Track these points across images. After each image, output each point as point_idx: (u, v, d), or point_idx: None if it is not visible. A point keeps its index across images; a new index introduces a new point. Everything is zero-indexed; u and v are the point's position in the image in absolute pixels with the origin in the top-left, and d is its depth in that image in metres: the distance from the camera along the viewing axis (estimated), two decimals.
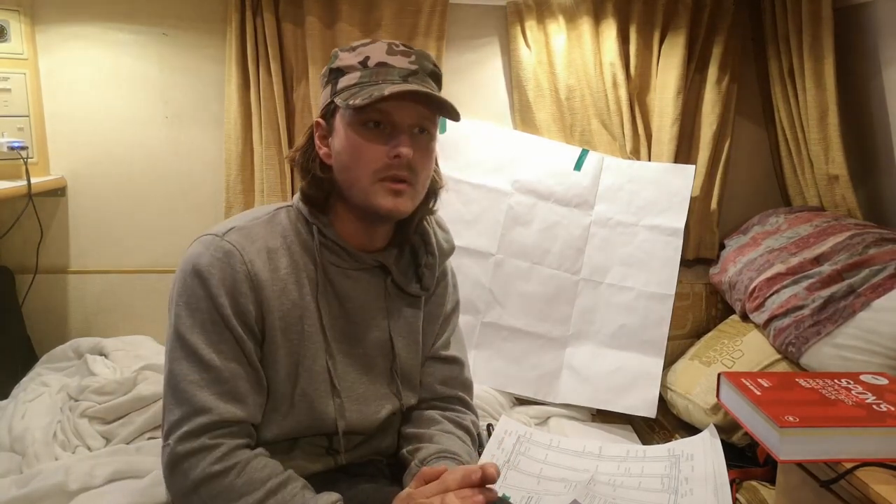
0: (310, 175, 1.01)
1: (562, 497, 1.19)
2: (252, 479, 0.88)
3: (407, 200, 0.98)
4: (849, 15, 1.83)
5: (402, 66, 0.96)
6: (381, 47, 0.97)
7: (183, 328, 0.92)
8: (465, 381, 1.18)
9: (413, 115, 0.95)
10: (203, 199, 2.02)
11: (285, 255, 0.99)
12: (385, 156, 0.94)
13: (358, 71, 0.96)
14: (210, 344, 0.92)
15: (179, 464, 0.89)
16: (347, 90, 0.95)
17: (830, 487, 1.05)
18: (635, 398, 1.83)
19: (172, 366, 0.93)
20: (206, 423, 0.89)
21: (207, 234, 0.97)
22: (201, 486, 0.88)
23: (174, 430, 0.90)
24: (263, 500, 0.87)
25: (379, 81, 0.94)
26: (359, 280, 1.04)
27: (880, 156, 1.86)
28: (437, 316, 1.15)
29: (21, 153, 1.81)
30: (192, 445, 0.89)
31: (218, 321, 0.92)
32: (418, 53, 0.98)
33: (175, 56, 1.96)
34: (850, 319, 1.53)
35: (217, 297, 0.92)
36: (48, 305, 1.99)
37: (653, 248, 1.91)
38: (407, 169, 0.95)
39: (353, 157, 0.96)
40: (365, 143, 0.95)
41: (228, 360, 0.92)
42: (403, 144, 0.94)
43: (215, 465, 0.88)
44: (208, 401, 0.90)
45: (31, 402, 1.62)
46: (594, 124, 2.02)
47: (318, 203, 1.02)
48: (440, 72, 1.02)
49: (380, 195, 0.95)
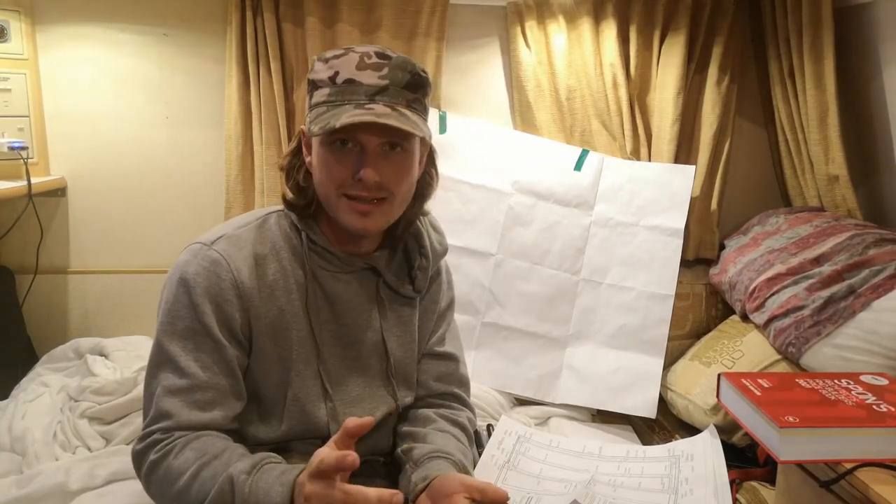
0: (292, 181, 1.01)
1: (562, 497, 1.19)
2: (187, 458, 0.88)
3: (378, 219, 0.97)
4: (849, 15, 1.83)
5: (370, 84, 0.92)
6: (352, 60, 0.93)
7: (163, 335, 0.94)
8: (461, 377, 1.18)
9: (379, 134, 0.92)
10: (203, 200, 2.02)
11: (274, 261, 0.99)
12: (349, 176, 0.93)
13: (327, 87, 0.93)
14: (188, 352, 0.93)
15: (135, 461, 0.93)
16: (316, 108, 0.94)
17: (830, 488, 1.05)
18: (635, 398, 1.83)
19: (149, 370, 0.95)
20: (164, 427, 0.91)
21: (196, 242, 0.98)
22: (148, 478, 0.91)
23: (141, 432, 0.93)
24: (196, 473, 0.86)
25: (344, 102, 0.91)
26: (349, 283, 1.04)
27: (880, 156, 1.86)
28: (431, 313, 1.15)
29: (21, 153, 1.81)
30: (145, 443, 0.91)
31: (199, 330, 0.93)
32: (393, 64, 0.93)
33: (175, 56, 1.96)
34: (851, 320, 1.53)
35: (199, 305, 0.93)
36: (48, 305, 1.99)
37: (653, 249, 1.91)
38: (376, 189, 0.94)
39: (321, 174, 0.95)
40: (332, 162, 0.93)
41: (204, 369, 0.93)
42: (367, 166, 0.92)
43: (156, 454, 0.89)
44: (173, 407, 0.91)
45: (31, 403, 1.62)
46: (594, 124, 2.02)
47: (301, 209, 1.01)
48: (421, 79, 0.96)
49: (345, 213, 0.95)
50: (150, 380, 0.94)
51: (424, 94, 0.97)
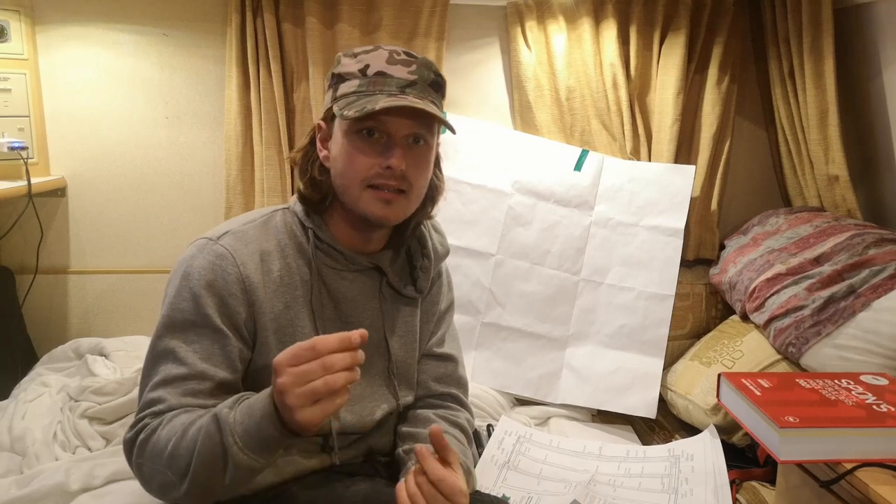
0: (307, 176, 1.02)
1: (562, 497, 1.19)
2: (173, 425, 0.87)
3: (398, 209, 0.99)
4: (849, 15, 1.83)
5: (401, 77, 0.96)
6: (381, 55, 0.97)
7: (163, 329, 0.95)
8: (460, 378, 1.18)
9: (408, 125, 0.95)
10: (203, 200, 2.02)
11: (279, 258, 1.00)
12: (377, 165, 0.95)
13: (357, 79, 0.96)
14: (188, 343, 0.93)
15: (126, 448, 0.92)
16: (345, 98, 0.96)
17: (830, 488, 1.05)
18: (635, 398, 1.83)
19: (145, 366, 0.95)
20: (153, 411, 0.90)
21: (202, 237, 0.99)
22: (140, 457, 0.89)
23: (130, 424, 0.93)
24: (184, 433, 0.85)
25: (375, 92, 0.94)
26: (354, 281, 1.04)
27: (880, 156, 1.86)
28: (432, 314, 1.15)
29: (21, 153, 1.81)
30: (135, 429, 0.91)
31: (199, 322, 0.93)
32: (420, 62, 0.98)
33: (175, 56, 1.96)
34: (851, 320, 1.53)
35: (203, 297, 0.93)
36: (48, 306, 1.99)
37: (653, 249, 1.91)
38: (400, 179, 0.96)
39: (346, 164, 0.97)
40: (358, 151, 0.96)
41: (203, 360, 0.93)
42: (395, 156, 0.95)
43: (146, 433, 0.89)
44: (165, 394, 0.91)
45: (31, 403, 1.62)
46: (594, 125, 2.02)
47: (315, 204, 1.02)
48: (443, 80, 1.01)
49: (370, 203, 0.97)
50: (146, 373, 0.94)
51: (443, 97, 1.03)
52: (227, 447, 0.81)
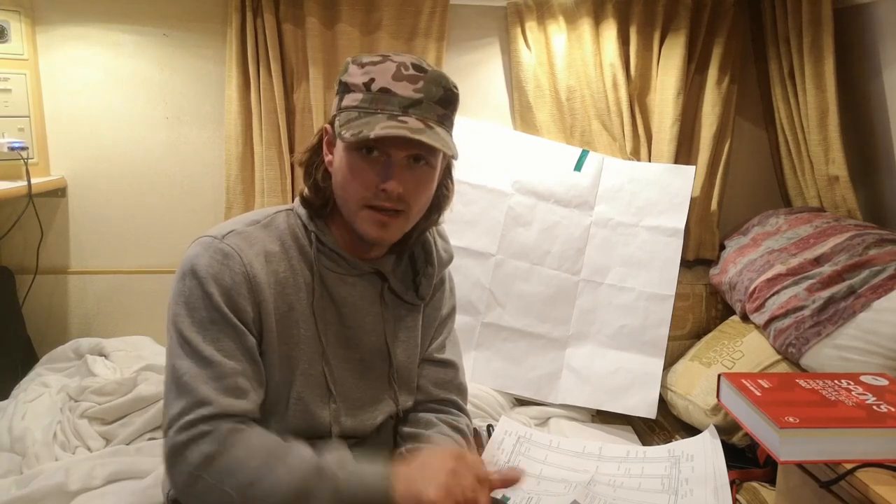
0: (311, 180, 1.01)
1: (562, 497, 1.19)
2: (251, 449, 0.87)
3: (394, 231, 0.97)
4: (849, 15, 1.83)
5: (405, 95, 0.92)
6: (388, 69, 0.93)
7: (182, 326, 0.92)
8: (460, 385, 1.18)
9: (407, 147, 0.93)
10: (203, 200, 2.02)
11: (283, 260, 0.99)
12: (374, 186, 0.93)
13: (360, 93, 0.94)
14: (210, 341, 0.91)
15: (180, 452, 0.88)
16: (347, 112, 0.94)
17: (830, 488, 1.05)
18: (635, 399, 1.83)
19: (173, 362, 0.92)
20: (206, 415, 0.88)
21: (206, 235, 0.97)
22: (203, 470, 0.87)
23: (174, 421, 0.89)
24: (266, 460, 0.86)
25: (376, 111, 0.92)
26: (355, 286, 1.04)
27: (880, 156, 1.86)
28: (433, 320, 1.15)
29: (21, 153, 1.81)
30: (190, 433, 0.88)
31: (217, 319, 0.92)
32: (428, 78, 0.94)
33: (175, 56, 1.96)
34: (851, 320, 1.53)
35: (214, 295, 0.92)
36: (48, 306, 1.99)
37: (653, 249, 1.91)
38: (397, 200, 0.94)
39: (345, 178, 0.96)
40: (357, 170, 0.94)
41: (228, 357, 0.92)
42: (393, 178, 0.93)
43: (214, 445, 0.87)
44: (209, 394, 0.89)
45: (31, 403, 1.62)
46: (594, 125, 2.02)
47: (317, 208, 1.02)
48: (453, 95, 0.97)
49: (365, 223, 0.95)
50: (174, 369, 0.91)
51: (454, 110, 0.98)
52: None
